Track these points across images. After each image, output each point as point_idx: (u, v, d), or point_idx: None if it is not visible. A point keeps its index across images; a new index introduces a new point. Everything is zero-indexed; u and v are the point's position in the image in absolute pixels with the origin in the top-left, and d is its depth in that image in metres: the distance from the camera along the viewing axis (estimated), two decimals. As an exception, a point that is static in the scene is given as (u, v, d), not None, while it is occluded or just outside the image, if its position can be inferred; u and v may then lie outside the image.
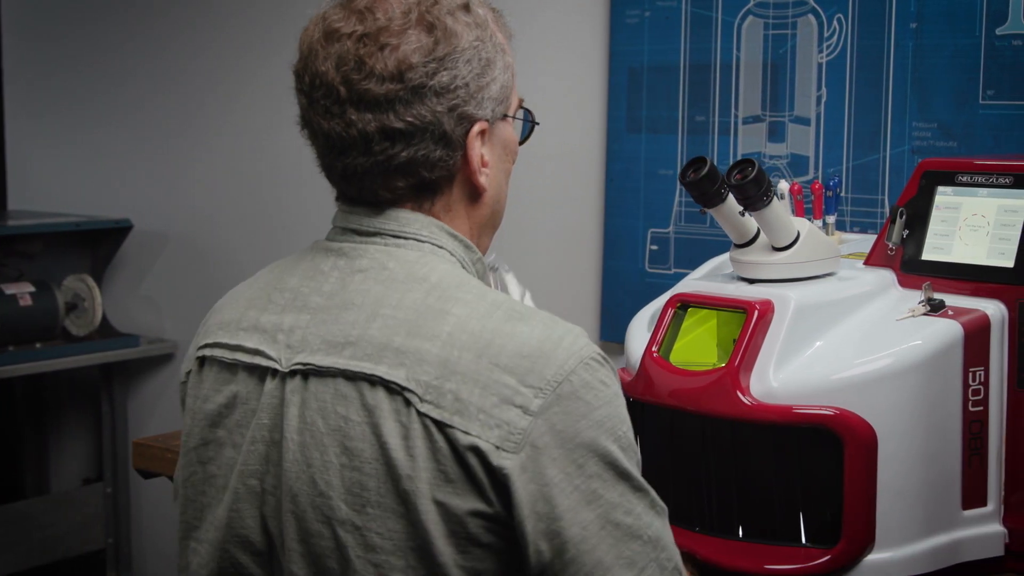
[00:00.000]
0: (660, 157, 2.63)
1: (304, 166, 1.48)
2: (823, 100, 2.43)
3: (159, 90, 3.60)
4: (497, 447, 1.22)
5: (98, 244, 3.63)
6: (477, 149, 1.34)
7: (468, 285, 1.31)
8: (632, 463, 1.27)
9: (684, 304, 1.72)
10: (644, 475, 1.47)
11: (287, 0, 3.27)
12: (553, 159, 2.76)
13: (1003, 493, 1.64)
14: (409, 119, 1.30)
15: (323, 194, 1.43)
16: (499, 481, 1.23)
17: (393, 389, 1.25)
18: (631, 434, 1.27)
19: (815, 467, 1.59)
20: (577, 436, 1.23)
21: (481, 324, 1.26)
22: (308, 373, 1.30)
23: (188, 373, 1.43)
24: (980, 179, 1.71)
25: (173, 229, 3.59)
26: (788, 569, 1.59)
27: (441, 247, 1.35)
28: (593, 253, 2.76)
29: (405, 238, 1.34)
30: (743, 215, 1.67)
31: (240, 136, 3.42)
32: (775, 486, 1.61)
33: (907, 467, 1.58)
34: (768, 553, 1.62)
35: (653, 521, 1.26)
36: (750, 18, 2.51)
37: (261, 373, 1.34)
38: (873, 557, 1.58)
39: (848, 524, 1.57)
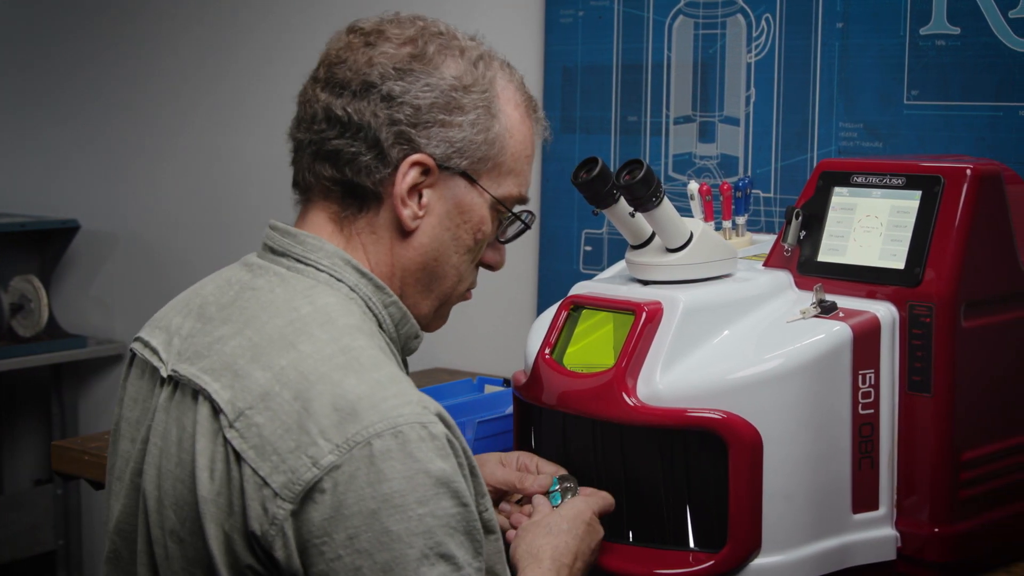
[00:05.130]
0: (594, 158, 2.61)
1: (254, 167, 1.49)
2: (752, 100, 2.41)
3: (106, 89, 3.58)
4: (276, 493, 1.18)
5: (45, 245, 3.62)
6: (408, 178, 1.34)
7: (333, 324, 1.27)
8: (419, 551, 1.16)
9: (577, 306, 1.71)
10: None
11: (242, 3, 3.25)
12: (488, 159, 2.74)
13: (896, 497, 1.63)
14: (349, 110, 1.33)
15: (273, 195, 1.44)
16: (274, 526, 1.18)
17: (216, 408, 1.25)
18: (437, 520, 1.18)
19: (701, 471, 1.57)
20: (358, 504, 1.16)
21: (314, 366, 1.23)
22: (177, 381, 1.31)
23: (127, 366, 1.45)
24: (874, 180, 1.69)
25: (121, 229, 3.58)
26: (675, 573, 1.57)
27: (340, 280, 1.33)
28: (529, 254, 2.75)
29: (305, 264, 1.34)
30: (633, 216, 1.65)
31: (189, 135, 3.40)
32: (663, 490, 1.59)
33: (794, 470, 1.56)
34: (657, 557, 1.60)
35: None
36: (680, 18, 2.49)
37: (153, 374, 1.36)
38: (760, 561, 1.56)
39: (734, 528, 1.55)
